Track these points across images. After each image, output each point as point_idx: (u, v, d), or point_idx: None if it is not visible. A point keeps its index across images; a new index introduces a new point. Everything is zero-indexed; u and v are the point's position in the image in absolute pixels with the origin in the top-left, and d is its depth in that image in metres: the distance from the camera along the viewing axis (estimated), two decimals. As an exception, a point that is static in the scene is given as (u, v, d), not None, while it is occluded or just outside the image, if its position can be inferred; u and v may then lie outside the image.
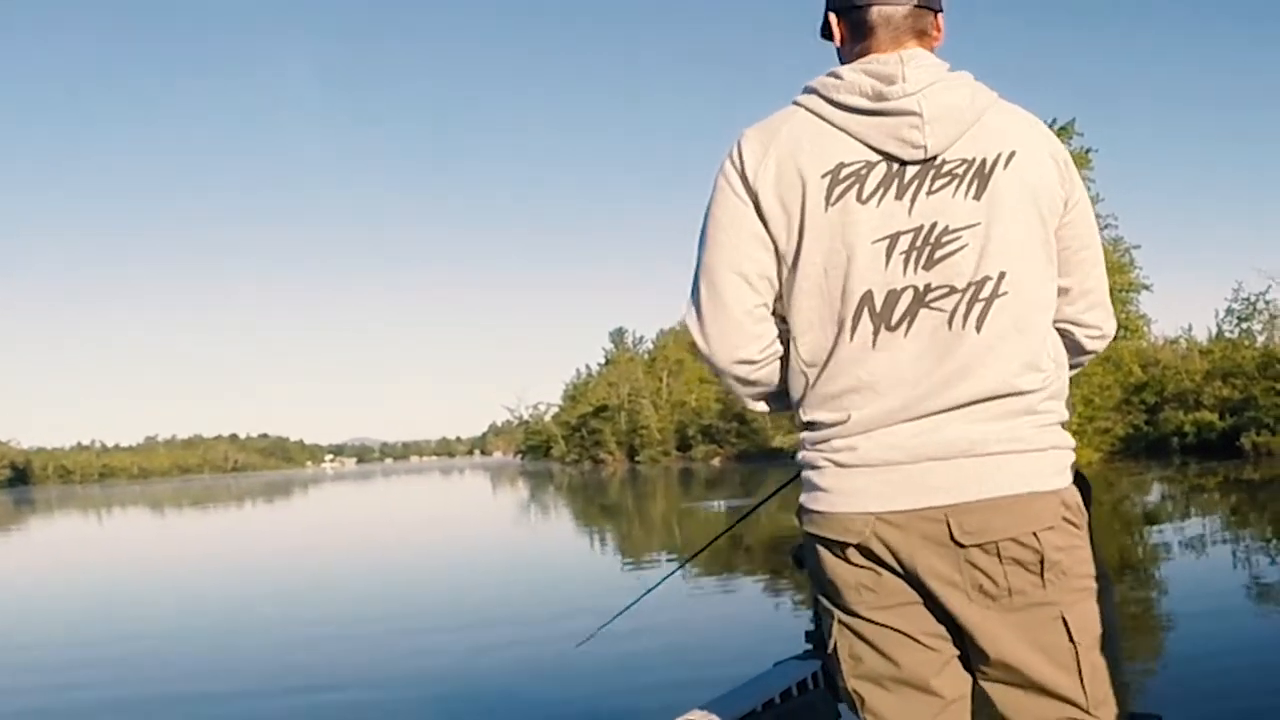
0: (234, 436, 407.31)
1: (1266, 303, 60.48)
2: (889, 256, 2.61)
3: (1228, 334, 63.28)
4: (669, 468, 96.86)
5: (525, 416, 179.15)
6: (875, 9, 2.69)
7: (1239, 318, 62.16)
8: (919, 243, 2.61)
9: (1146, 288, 60.57)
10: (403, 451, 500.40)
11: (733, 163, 2.75)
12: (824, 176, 2.63)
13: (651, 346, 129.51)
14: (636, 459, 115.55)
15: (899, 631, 2.70)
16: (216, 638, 17.66)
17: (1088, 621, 2.66)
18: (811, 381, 2.73)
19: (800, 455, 2.80)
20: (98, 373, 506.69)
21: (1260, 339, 60.82)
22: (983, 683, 2.73)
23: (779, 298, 2.80)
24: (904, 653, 2.70)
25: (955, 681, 2.73)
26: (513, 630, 16.43)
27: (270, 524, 56.37)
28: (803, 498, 2.76)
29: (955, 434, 2.60)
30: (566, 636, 15.33)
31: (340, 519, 56.71)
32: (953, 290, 2.61)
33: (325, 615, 19.50)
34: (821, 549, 2.71)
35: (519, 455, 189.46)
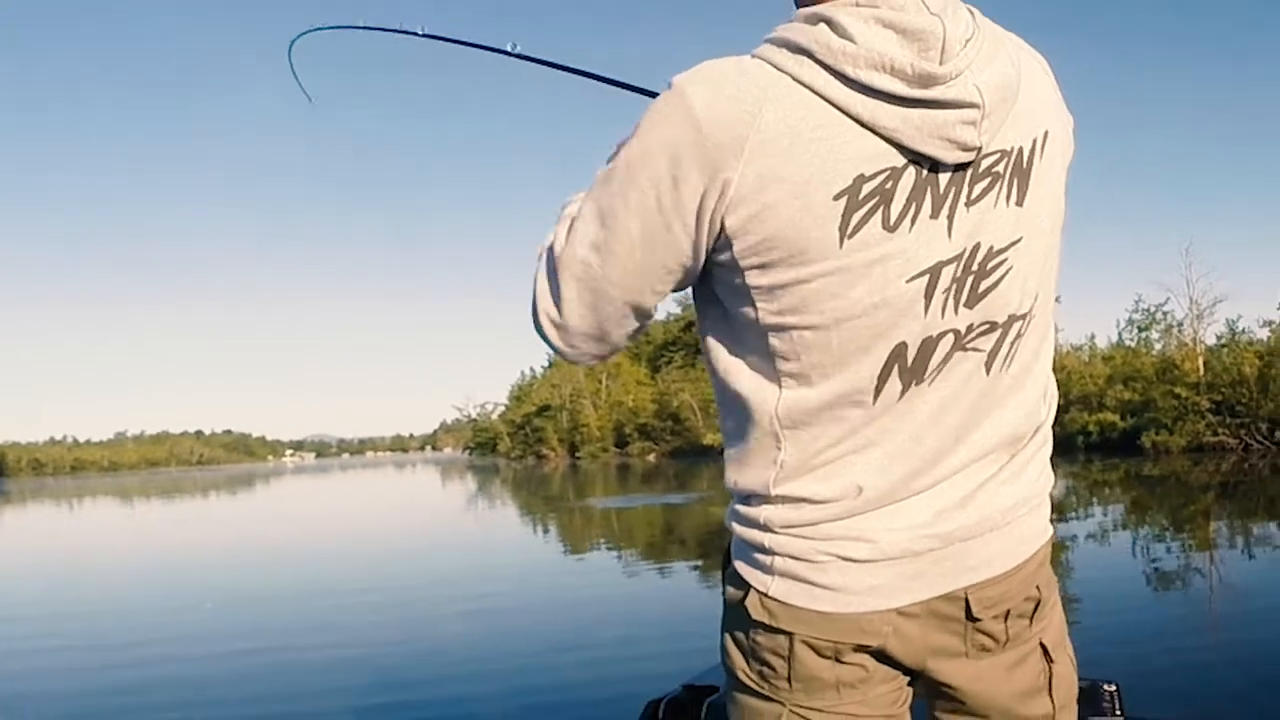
0: (199, 432, 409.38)
1: (1165, 314, 61.19)
2: (929, 298, 1.87)
3: (1128, 342, 64.26)
4: (607, 463, 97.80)
5: (473, 415, 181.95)
6: None
7: (1139, 327, 63.86)
8: (961, 273, 1.89)
9: (1056, 299, 62.71)
10: (359, 447, 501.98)
11: (673, 154, 1.81)
12: (838, 198, 1.78)
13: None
14: (577, 455, 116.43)
15: (866, 715, 2.10)
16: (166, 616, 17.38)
17: (1058, 635, 2.27)
18: (792, 444, 1.97)
19: (774, 515, 2.01)
20: (70, 370, 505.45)
21: (1158, 346, 61.65)
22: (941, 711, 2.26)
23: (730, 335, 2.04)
24: None
25: None
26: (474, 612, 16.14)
27: (231, 513, 55.29)
28: (772, 583, 2.03)
29: (985, 503, 2.04)
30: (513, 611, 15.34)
31: (299, 509, 55.90)
32: (993, 327, 1.96)
33: (282, 596, 19.38)
34: (801, 647, 2.03)
35: (467, 451, 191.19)
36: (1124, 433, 56.98)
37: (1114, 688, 3.68)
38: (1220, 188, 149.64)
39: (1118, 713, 3.65)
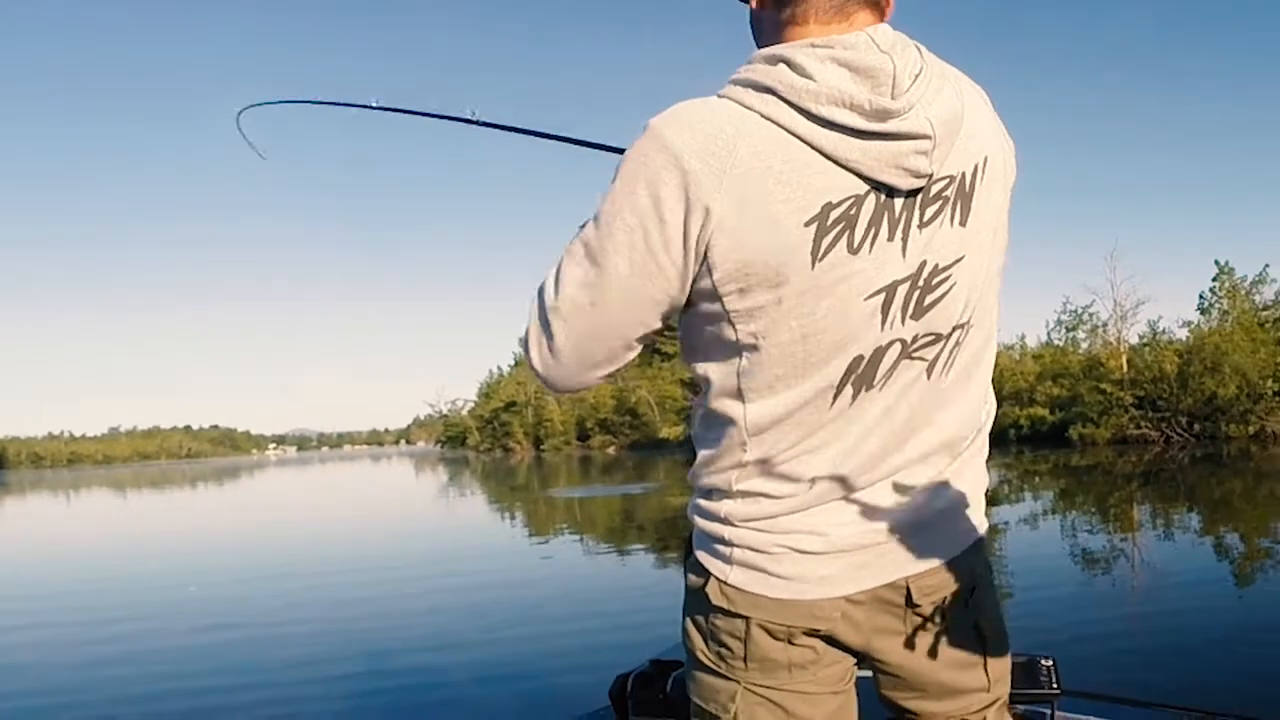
0: (188, 427, 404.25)
1: (1091, 315, 61.47)
2: (885, 313, 1.95)
3: (1056, 341, 64.57)
4: (570, 455, 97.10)
5: (444, 410, 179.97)
6: None
7: (1067, 327, 64.12)
8: (912, 290, 1.96)
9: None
10: (337, 441, 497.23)
11: (656, 191, 1.85)
12: (808, 225, 1.84)
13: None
14: (541, 448, 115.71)
15: (815, 693, 2.20)
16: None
17: (992, 616, 2.35)
18: (765, 443, 2.03)
19: (733, 510, 2.10)
20: (67, 370, 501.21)
21: (1084, 345, 62.01)
22: (894, 699, 2.37)
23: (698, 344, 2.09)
24: (816, 706, 2.20)
25: (851, 711, 2.31)
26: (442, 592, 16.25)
27: (216, 503, 54.48)
28: (730, 572, 2.11)
29: (926, 501, 2.13)
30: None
31: (282, 500, 55.29)
32: (937, 338, 2.02)
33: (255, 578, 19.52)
34: (757, 630, 2.12)
35: (439, 444, 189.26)
36: (1053, 426, 57.25)
37: (1050, 662, 3.70)
38: (1144, 196, 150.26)
39: (1054, 686, 3.65)
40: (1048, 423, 58.06)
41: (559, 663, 10.63)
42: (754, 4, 2.03)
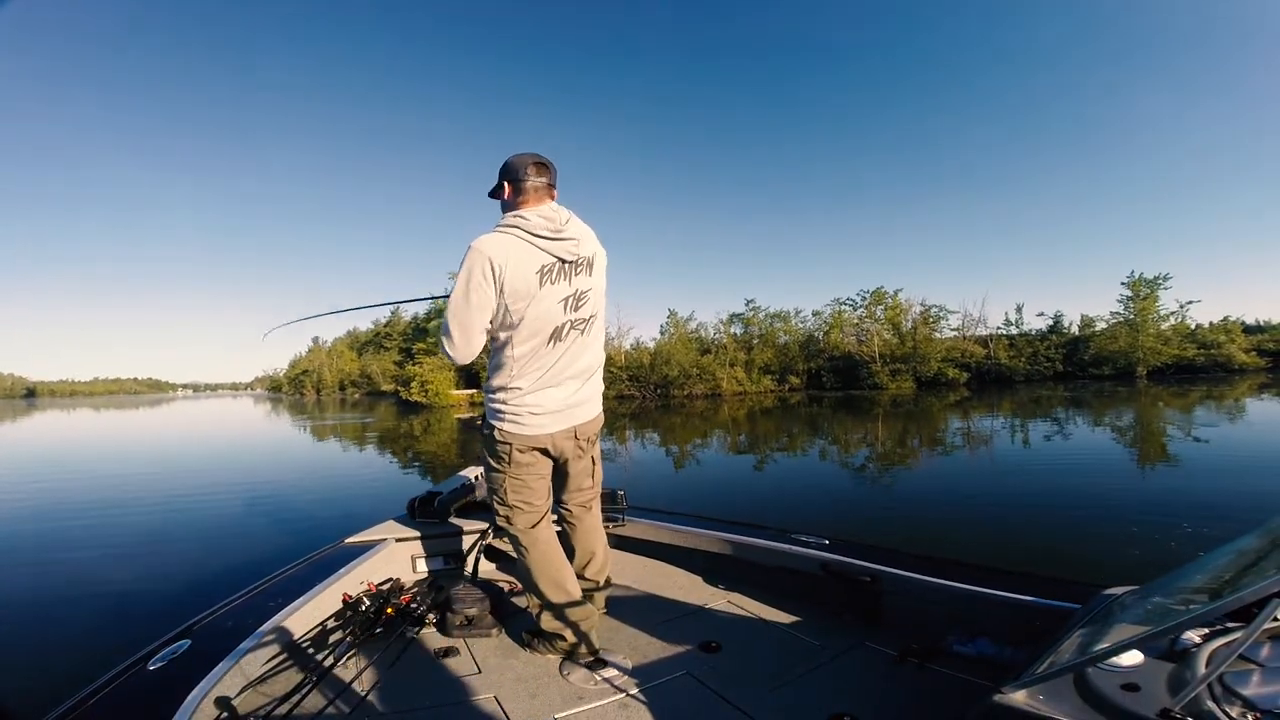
0: (135, 378, 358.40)
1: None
2: (565, 309, 2.50)
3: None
4: (335, 398, 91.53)
5: (271, 373, 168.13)
6: (530, 182, 2.53)
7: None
8: (573, 300, 2.52)
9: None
10: (216, 387, 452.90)
11: (483, 266, 2.38)
12: (536, 273, 2.43)
13: (330, 344, 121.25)
14: (320, 393, 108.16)
15: (538, 476, 2.67)
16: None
17: (598, 455, 2.81)
18: (519, 367, 2.49)
19: (505, 398, 2.52)
20: (70, 341, 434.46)
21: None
22: (558, 490, 2.82)
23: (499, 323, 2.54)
24: (540, 484, 2.69)
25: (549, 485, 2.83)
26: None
27: (145, 416, 49.35)
28: (504, 425, 2.53)
29: (578, 392, 2.60)
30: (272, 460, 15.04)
31: (181, 413, 51.82)
32: (581, 320, 2.56)
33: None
34: (515, 449, 2.57)
35: (268, 390, 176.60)
36: (664, 393, 55.65)
37: (623, 491, 3.84)
38: (631, 275, 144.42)
39: (624, 504, 3.78)
40: (658, 389, 56.38)
41: (365, 496, 9.77)
42: (506, 197, 2.53)
